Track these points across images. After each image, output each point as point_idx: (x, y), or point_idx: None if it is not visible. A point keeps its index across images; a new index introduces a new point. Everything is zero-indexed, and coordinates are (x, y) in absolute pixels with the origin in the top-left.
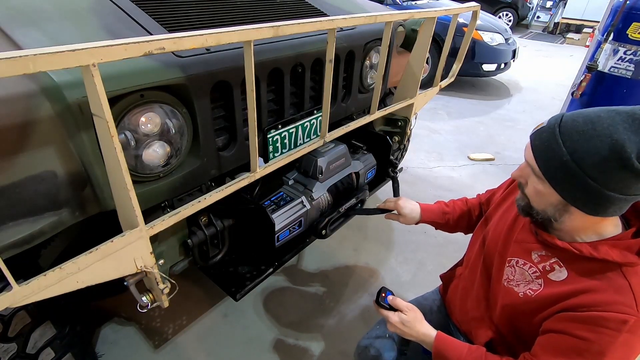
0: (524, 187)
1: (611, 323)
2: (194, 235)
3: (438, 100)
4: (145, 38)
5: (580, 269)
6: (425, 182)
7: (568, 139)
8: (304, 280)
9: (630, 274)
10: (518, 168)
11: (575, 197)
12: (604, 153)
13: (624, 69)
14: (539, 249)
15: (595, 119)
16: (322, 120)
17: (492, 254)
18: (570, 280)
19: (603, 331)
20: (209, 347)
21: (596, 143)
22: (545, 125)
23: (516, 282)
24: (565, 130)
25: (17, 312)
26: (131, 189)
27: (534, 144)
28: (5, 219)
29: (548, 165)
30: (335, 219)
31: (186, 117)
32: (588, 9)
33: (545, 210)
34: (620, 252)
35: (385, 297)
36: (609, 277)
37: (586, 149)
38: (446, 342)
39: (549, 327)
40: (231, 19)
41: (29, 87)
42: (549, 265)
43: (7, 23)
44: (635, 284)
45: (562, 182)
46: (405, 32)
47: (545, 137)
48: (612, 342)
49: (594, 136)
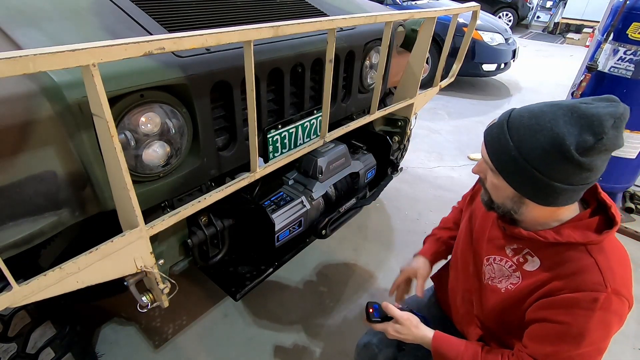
0: (485, 182)
1: (583, 303)
2: (194, 235)
3: (438, 100)
4: (145, 38)
5: (549, 255)
6: (425, 182)
7: (515, 134)
8: (304, 280)
9: (595, 251)
10: (477, 164)
11: (526, 190)
12: (546, 146)
13: (624, 69)
14: (511, 243)
15: (539, 114)
16: (322, 120)
17: (469, 254)
18: (543, 268)
19: (577, 312)
20: (209, 347)
21: (539, 137)
22: (497, 121)
23: (498, 279)
24: (512, 126)
25: (17, 312)
26: (131, 189)
27: (487, 140)
28: (5, 219)
29: (499, 160)
30: (335, 219)
31: (186, 117)
32: (588, 9)
33: (504, 203)
34: (582, 233)
35: (374, 312)
36: (576, 258)
37: (530, 143)
38: (443, 341)
39: (530, 317)
40: (231, 19)
41: (29, 87)
42: (522, 257)
43: (7, 23)
44: (601, 261)
45: (512, 175)
46: (405, 32)
47: (495, 133)
48: (588, 322)
49: (537, 130)
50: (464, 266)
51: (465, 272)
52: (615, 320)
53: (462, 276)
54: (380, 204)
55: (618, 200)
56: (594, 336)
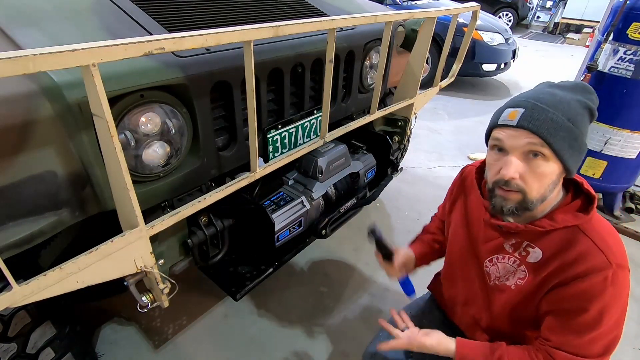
0: (520, 182)
1: (595, 285)
2: (194, 235)
3: (438, 100)
4: (145, 38)
5: (549, 243)
6: (425, 182)
7: (558, 109)
8: (304, 280)
9: (588, 230)
10: (508, 166)
11: (576, 160)
12: (581, 110)
13: (624, 69)
14: (508, 239)
15: (552, 92)
16: (322, 120)
17: (469, 261)
18: (546, 258)
19: (592, 295)
20: (209, 347)
21: (571, 106)
22: (526, 110)
23: (504, 277)
24: (550, 105)
25: (17, 312)
26: (131, 189)
27: (535, 125)
28: (5, 219)
29: (558, 137)
30: (335, 219)
31: (186, 117)
32: (588, 9)
33: (545, 193)
34: (573, 215)
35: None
36: (575, 241)
37: (572, 112)
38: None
39: (546, 309)
40: (231, 19)
41: (29, 87)
42: (524, 250)
43: (7, 23)
44: (597, 240)
45: (569, 148)
46: (405, 32)
47: (541, 116)
48: (603, 301)
49: (567, 102)
50: (465, 274)
51: (467, 280)
52: (625, 291)
53: (463, 284)
54: (380, 204)
55: (618, 200)
56: (612, 312)
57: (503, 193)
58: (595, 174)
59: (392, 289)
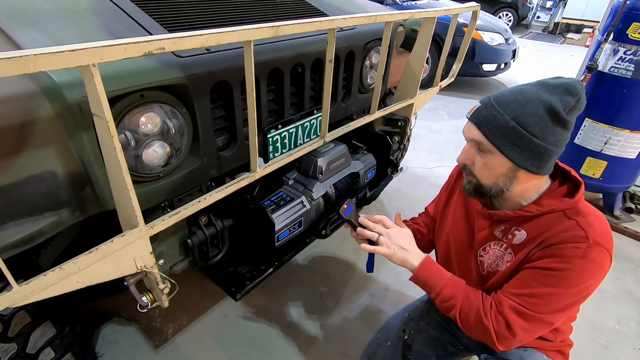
0: (472, 168)
1: (567, 251)
2: (194, 235)
3: (438, 100)
4: (145, 38)
5: (534, 225)
6: (425, 182)
7: (507, 108)
8: (304, 280)
9: (573, 214)
10: (462, 152)
11: (524, 158)
12: (538, 112)
13: (624, 69)
14: (498, 226)
15: (520, 91)
16: (322, 120)
17: (463, 253)
18: (530, 237)
19: (560, 258)
20: (209, 347)
21: (530, 106)
22: (481, 105)
23: (494, 263)
24: (501, 103)
25: (17, 312)
26: (131, 189)
27: (478, 121)
28: (5, 219)
29: (497, 134)
30: (335, 218)
31: (186, 117)
32: (588, 9)
33: (497, 182)
34: (559, 200)
35: (347, 209)
36: (559, 221)
37: (525, 112)
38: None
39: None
40: (231, 19)
41: (29, 87)
42: (511, 234)
43: (7, 23)
44: (580, 221)
45: (511, 146)
46: (405, 32)
47: (486, 113)
48: (570, 269)
49: (526, 102)
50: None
51: (464, 271)
52: (596, 270)
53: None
54: (380, 204)
55: (618, 200)
56: (575, 281)
57: (465, 176)
58: (595, 174)
59: (392, 289)
